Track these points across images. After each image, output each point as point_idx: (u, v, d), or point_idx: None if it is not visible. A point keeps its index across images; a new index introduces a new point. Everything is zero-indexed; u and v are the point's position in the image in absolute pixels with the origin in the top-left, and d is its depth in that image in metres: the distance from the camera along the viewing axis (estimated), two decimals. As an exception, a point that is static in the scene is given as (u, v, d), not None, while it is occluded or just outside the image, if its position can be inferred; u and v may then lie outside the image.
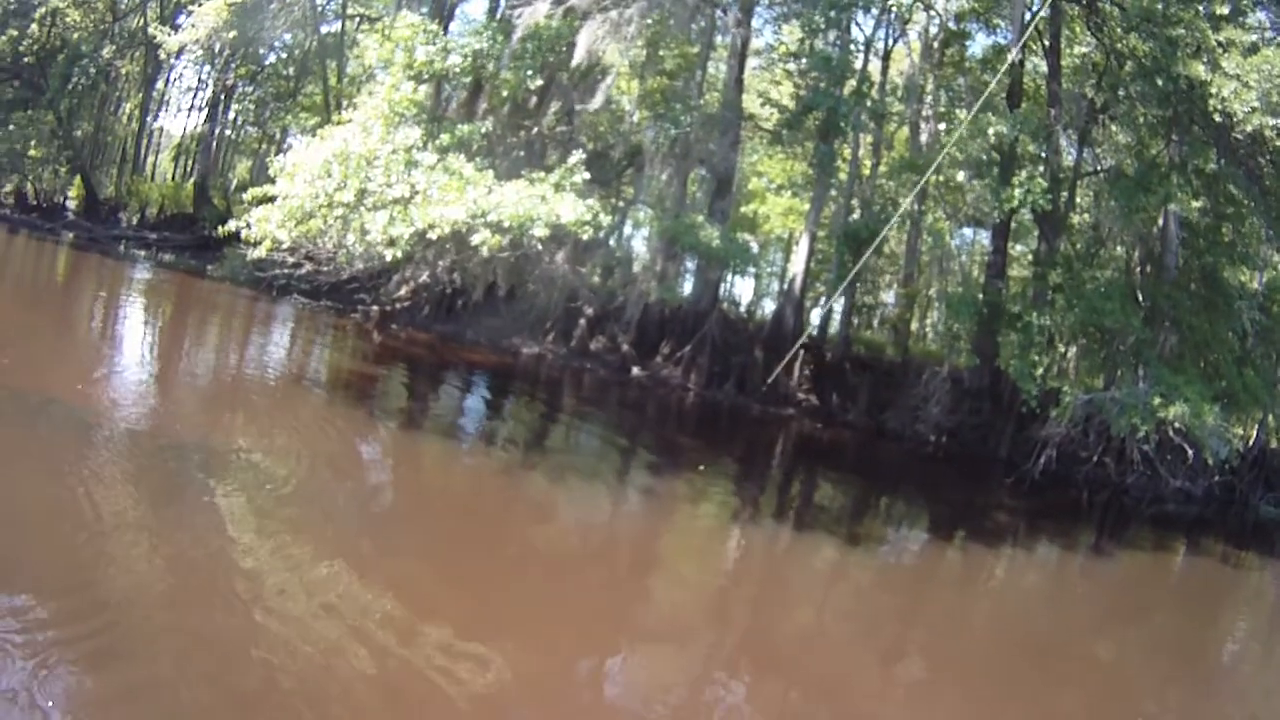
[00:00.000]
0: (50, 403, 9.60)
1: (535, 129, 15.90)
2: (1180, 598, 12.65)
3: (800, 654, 8.25)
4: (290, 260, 17.61)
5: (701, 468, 14.22)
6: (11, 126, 31.82)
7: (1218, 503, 18.91)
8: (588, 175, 13.49)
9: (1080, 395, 16.53)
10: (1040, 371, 16.70)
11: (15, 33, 29.34)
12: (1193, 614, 11.67)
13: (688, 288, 19.47)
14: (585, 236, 12.81)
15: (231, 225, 12.89)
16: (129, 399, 11.40)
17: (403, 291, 18.35)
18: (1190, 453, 16.22)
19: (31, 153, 32.97)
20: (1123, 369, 18.01)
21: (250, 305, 20.50)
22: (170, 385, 13.29)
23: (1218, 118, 15.06)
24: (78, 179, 34.36)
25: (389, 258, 12.80)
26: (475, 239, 12.10)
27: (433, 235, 12.18)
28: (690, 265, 17.82)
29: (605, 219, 13.65)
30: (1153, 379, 16.09)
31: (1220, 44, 14.84)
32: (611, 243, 16.02)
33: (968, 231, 24.13)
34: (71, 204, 35.03)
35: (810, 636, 9.00)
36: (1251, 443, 20.53)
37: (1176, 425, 15.14)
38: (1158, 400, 15.04)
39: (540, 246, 12.81)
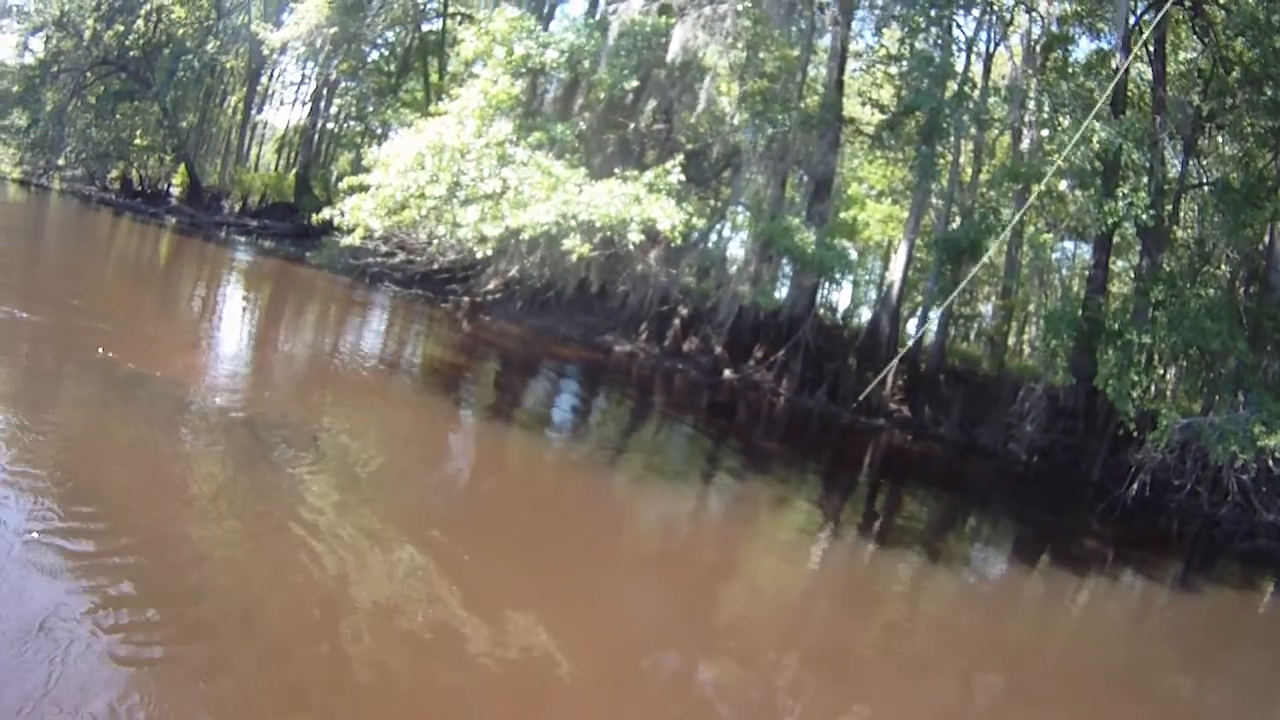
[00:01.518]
0: (150, 379, 9.96)
1: (631, 127, 15.91)
2: (1267, 638, 11.93)
3: (873, 672, 8.07)
4: (384, 249, 18.08)
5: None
6: (118, 116, 33.45)
7: None
8: (683, 177, 13.41)
9: (1178, 419, 15.77)
10: (1138, 393, 16.06)
11: (121, 27, 30.76)
12: (1277, 656, 11.01)
13: (783, 292, 19.24)
14: (677, 241, 12.73)
15: (326, 213, 13.19)
16: (224, 377, 11.78)
17: (493, 284, 18.57)
18: None
19: (137, 141, 34.55)
20: (1223, 393, 17.17)
21: (345, 292, 21.07)
22: (263, 366, 13.67)
23: None
24: (182, 167, 35.84)
25: (480, 253, 12.93)
26: (565, 244, 12.11)
27: (524, 235, 12.26)
28: (787, 269, 17.59)
29: (699, 222, 13.55)
30: (1254, 405, 15.31)
31: None
32: (707, 244, 15.88)
33: (1069, 244, 23.33)
34: (175, 190, 36.58)
35: (884, 654, 8.78)
36: None
37: (1277, 455, 14.49)
38: (1259, 428, 14.37)
39: (633, 248, 12.76)
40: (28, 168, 32.41)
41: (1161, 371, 20.34)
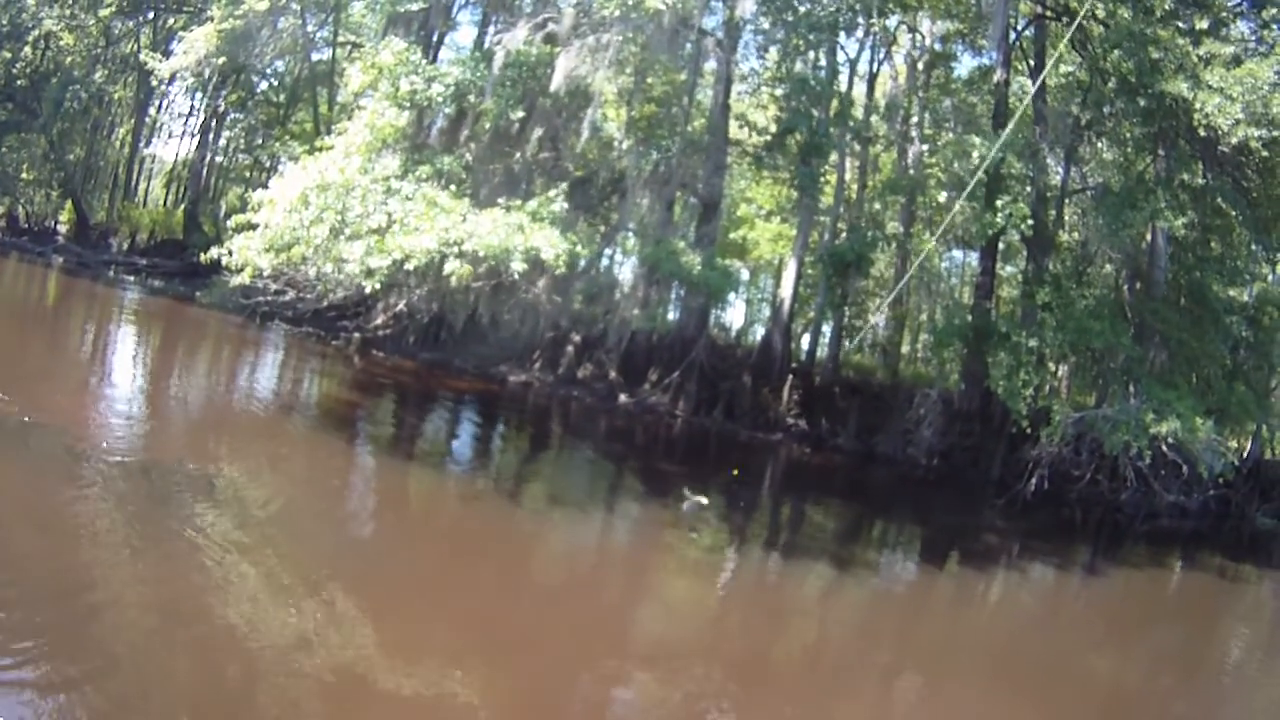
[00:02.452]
0: (38, 427, 9.59)
1: (518, 156, 15.90)
2: (1178, 612, 12.57)
3: (793, 680, 8.14)
4: (274, 287, 17.64)
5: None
6: (3, 149, 31.89)
7: (1213, 516, 18.81)
8: (566, 205, 13.48)
9: (1071, 414, 16.43)
10: (1030, 392, 16.61)
11: (9, 55, 29.42)
12: (1192, 628, 11.59)
13: (676, 314, 19.42)
14: (561, 270, 12.77)
15: (214, 252, 12.97)
16: (115, 424, 11.41)
17: (383, 319, 18.30)
18: (1184, 467, 16.13)
19: (24, 176, 33.02)
20: (1114, 386, 17.95)
21: (236, 332, 20.46)
22: (155, 411, 13.25)
23: (1203, 132, 15.07)
24: (69, 203, 34.40)
25: (368, 288, 12.79)
26: (446, 268, 12.08)
27: (410, 265, 12.16)
28: (678, 292, 17.79)
29: (584, 250, 13.61)
30: (1144, 395, 16.02)
31: (1202, 59, 14.87)
32: (594, 270, 15.94)
33: (957, 253, 24.17)
34: (63, 228, 35.03)
35: (803, 662, 8.92)
36: (1246, 455, 20.42)
37: (1170, 441, 15.09)
38: (1150, 416, 14.98)
39: (518, 277, 12.75)
40: None
41: (1053, 369, 21.11)
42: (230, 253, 12.70)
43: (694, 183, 17.68)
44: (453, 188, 13.33)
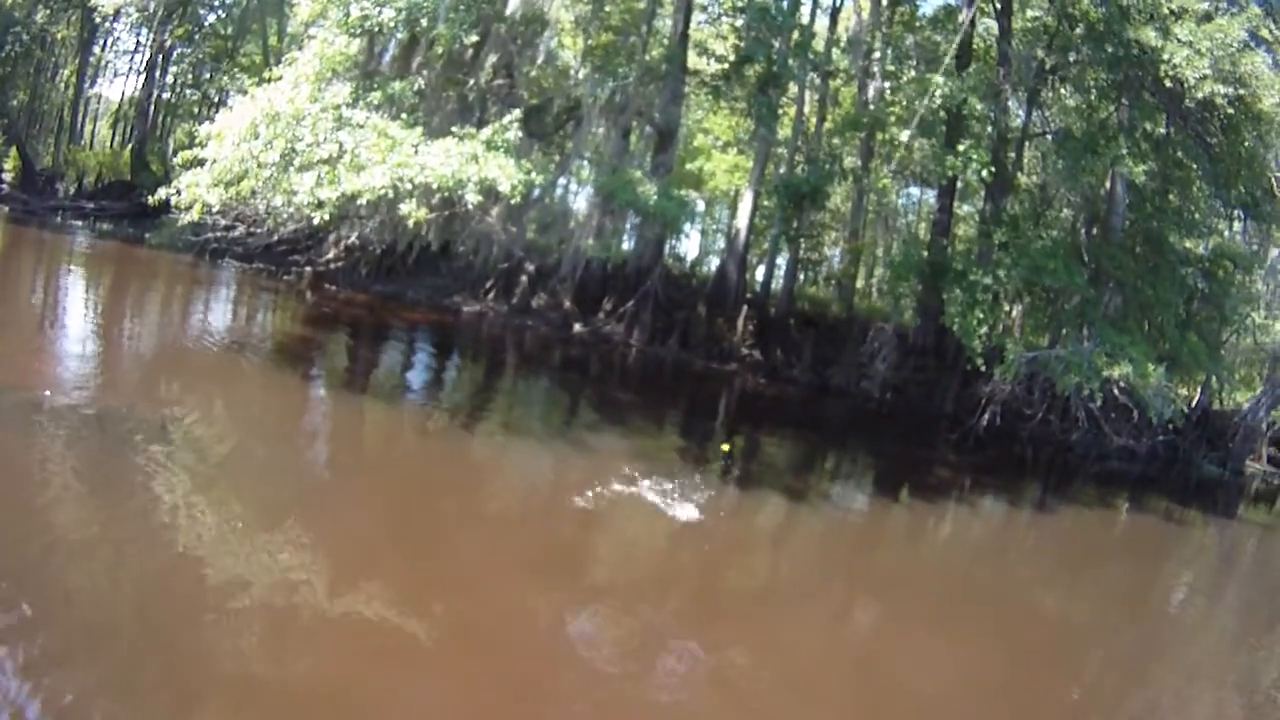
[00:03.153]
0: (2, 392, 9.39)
1: (472, 83, 15.59)
2: (1125, 552, 12.81)
3: (746, 610, 8.26)
4: (223, 223, 17.29)
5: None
6: None
7: (1161, 461, 19.21)
8: (520, 133, 13.27)
9: (1024, 353, 16.59)
10: (984, 329, 16.73)
11: (-55, 1, 28.15)
12: (1137, 569, 11.83)
13: (631, 244, 19.35)
14: (516, 199, 12.62)
15: (162, 193, 12.64)
16: (68, 372, 11.26)
17: (334, 253, 18.05)
18: (1135, 412, 16.37)
19: None
20: (1067, 328, 18.14)
21: (187, 271, 20.10)
22: (107, 357, 13.06)
23: (1168, 84, 15.01)
24: (13, 150, 33.23)
25: (317, 220, 12.56)
26: (401, 209, 11.85)
27: (361, 200, 11.97)
28: (633, 222, 17.69)
29: (539, 178, 13.44)
30: (1098, 338, 16.14)
31: (1173, 11, 14.82)
32: (548, 200, 15.75)
33: (914, 190, 24.24)
34: (7, 176, 33.90)
35: (756, 592, 9.03)
36: (1194, 403, 20.87)
37: (1121, 384, 15.29)
38: (1103, 359, 15.14)
39: (472, 207, 12.59)
40: None
41: (1007, 308, 21.37)
42: (178, 192, 12.39)
43: (650, 112, 17.47)
44: (404, 116, 13.04)
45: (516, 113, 13.30)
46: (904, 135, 19.10)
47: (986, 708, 6.68)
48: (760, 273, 20.44)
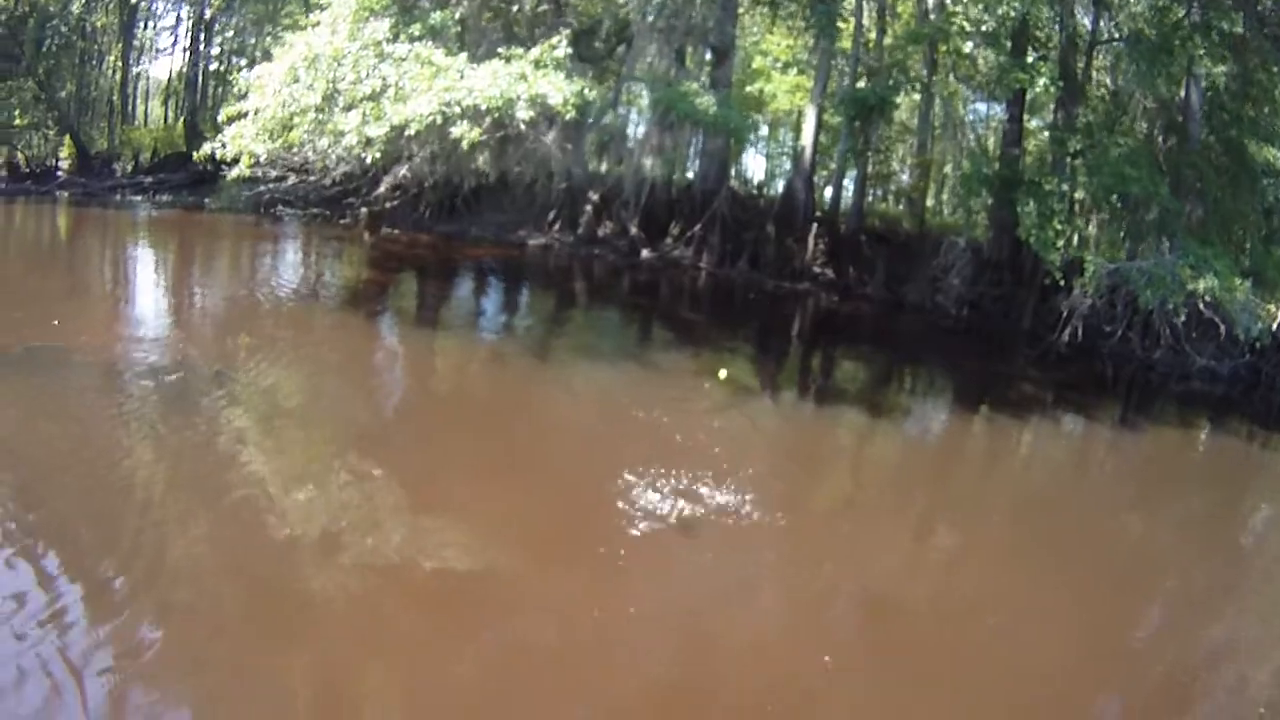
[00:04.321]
0: (68, 351, 9.83)
1: (516, 10, 15.19)
2: (1207, 479, 12.04)
3: (827, 527, 8.10)
4: (274, 175, 17.28)
5: (724, 374, 13.89)
6: None
7: (1243, 384, 18.24)
8: (570, 50, 12.85)
9: (1106, 265, 15.84)
10: (1061, 242, 16.04)
11: (-20, 6, 28.56)
12: (1219, 496, 11.13)
13: (695, 168, 18.80)
14: (569, 116, 12.25)
15: (208, 148, 12.56)
16: (142, 337, 11.56)
17: (383, 189, 17.85)
18: (1221, 328, 15.55)
19: (17, 122, 32.35)
20: (1148, 241, 17.26)
21: (249, 229, 20.24)
22: (181, 318, 13.35)
23: None
24: (67, 138, 33.82)
25: (368, 159, 12.37)
26: (454, 132, 11.56)
27: (410, 131, 11.70)
28: (696, 147, 17.21)
29: (593, 94, 13.04)
30: (1179, 251, 15.30)
31: None
32: (604, 119, 15.29)
33: (980, 106, 23.19)
34: (64, 164, 34.57)
35: (836, 509, 8.82)
36: (1276, 325, 19.82)
37: (1206, 299, 14.54)
38: (1187, 272, 14.37)
39: (524, 128, 12.26)
40: None
41: (1083, 221, 20.45)
42: (224, 144, 12.30)
43: (704, 30, 16.85)
44: (448, 46, 12.74)
45: (566, 33, 12.88)
46: (968, 47, 18.23)
47: (1058, 633, 6.40)
48: (828, 192, 19.79)
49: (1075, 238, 18.99)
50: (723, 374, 7.40)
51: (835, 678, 5.75)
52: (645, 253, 18.12)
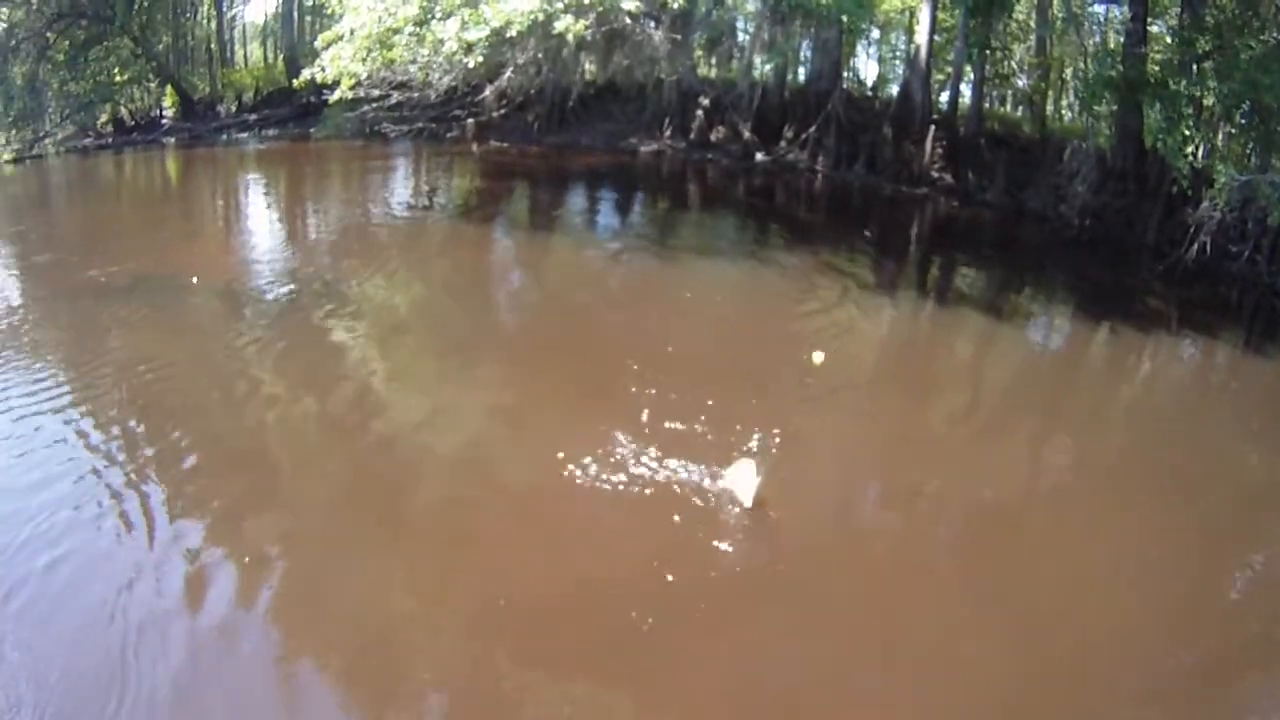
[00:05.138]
0: (181, 279, 10.49)
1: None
2: None
3: (941, 437, 7.99)
4: (376, 95, 17.44)
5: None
6: (91, 62, 32.23)
7: None
8: None
9: (1237, 176, 14.82)
10: (1191, 149, 15.08)
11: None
12: None
13: (808, 69, 18.14)
14: (676, 5, 11.93)
15: (307, 74, 12.70)
16: (255, 261, 12.19)
17: (488, 98, 17.77)
18: None
19: (117, 79, 33.36)
20: None
21: (357, 152, 20.56)
22: (292, 240, 13.84)
23: None
24: (169, 88, 34.81)
25: (470, 64, 12.30)
26: (557, 26, 11.40)
27: (511, 33, 11.57)
28: (807, 48, 16.63)
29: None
30: None
31: None
32: (712, 14, 14.81)
33: (1098, 8, 21.83)
34: (169, 113, 35.66)
35: (953, 419, 8.65)
36: None
37: None
38: None
39: (629, 20, 11.99)
40: (18, 145, 31.75)
41: (1212, 131, 19.19)
42: (323, 68, 12.43)
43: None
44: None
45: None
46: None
47: (1170, 569, 6.12)
48: (944, 96, 18.98)
49: (1203, 148, 17.88)
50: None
51: (927, 586, 5.71)
52: (759, 156, 17.75)
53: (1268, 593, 6.17)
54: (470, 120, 18.88)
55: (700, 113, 17.90)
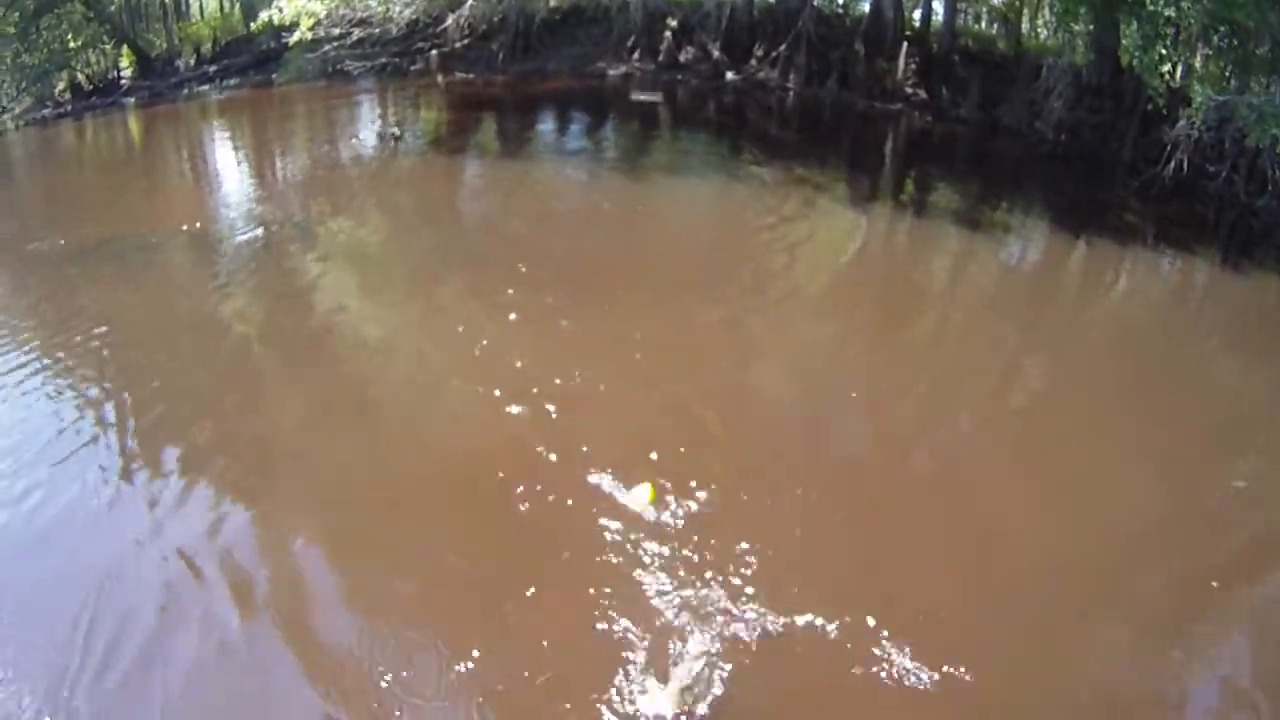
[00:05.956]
0: (151, 235, 10.66)
1: None
2: None
3: (921, 353, 8.01)
4: (337, 33, 17.06)
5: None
6: (43, 32, 31.19)
7: None
8: None
9: (1214, 96, 14.74)
10: (1167, 68, 14.97)
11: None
12: None
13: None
14: None
15: (264, 16, 12.35)
16: (224, 212, 12.24)
17: (450, 27, 17.39)
18: None
19: (71, 46, 32.42)
20: (1258, 75, 15.98)
21: (320, 93, 20.04)
22: (260, 187, 13.74)
23: None
24: (125, 48, 33.88)
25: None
26: None
27: None
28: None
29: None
30: None
31: None
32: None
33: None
34: (126, 73, 34.73)
35: (931, 336, 8.64)
36: None
37: None
38: None
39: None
40: None
41: (1189, 51, 19.07)
42: (280, 9, 12.09)
43: None
44: None
45: None
46: None
47: (1142, 487, 6.17)
48: (917, 14, 18.70)
49: (1180, 69, 17.80)
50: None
51: (898, 500, 5.73)
52: (729, 76, 17.40)
53: (1243, 510, 6.19)
54: (434, 52, 18.44)
55: (668, 34, 17.54)
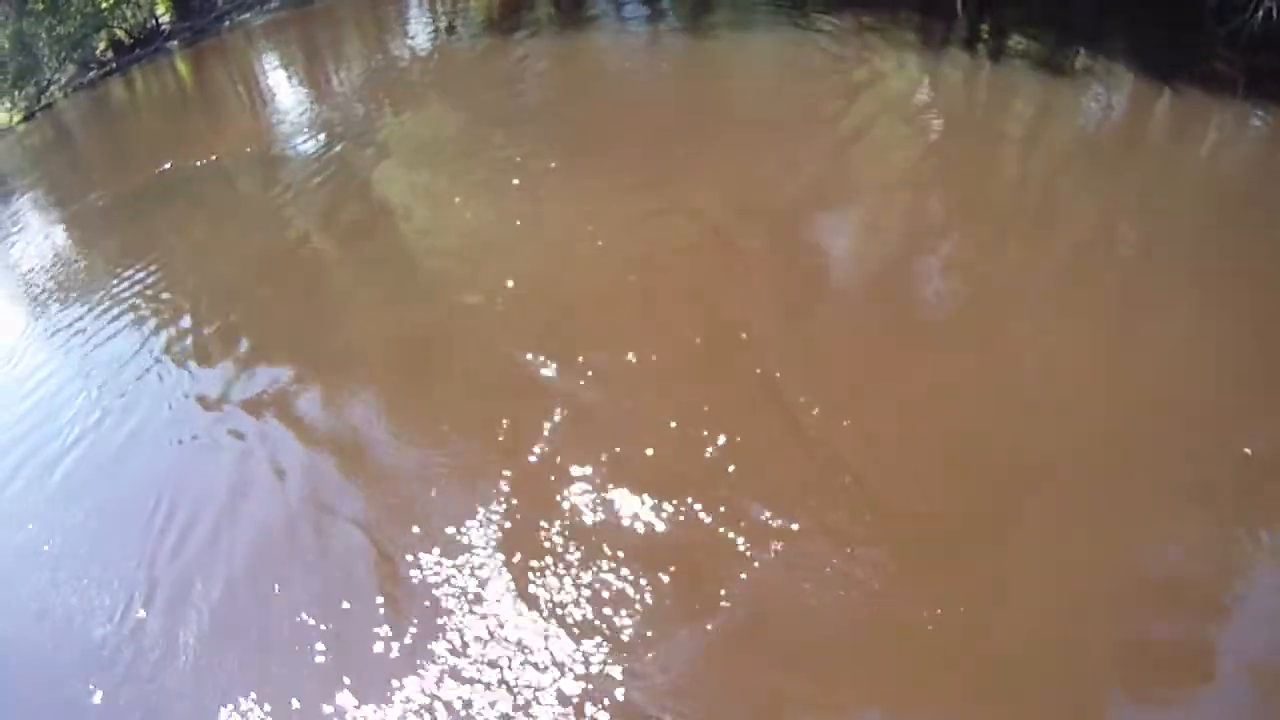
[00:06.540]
0: (229, 160, 11.29)
1: None
2: None
3: (1000, 201, 7.84)
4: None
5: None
6: (73, 1, 31.33)
7: None
8: None
9: None
10: None
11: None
12: None
13: None
14: None
15: None
16: (287, 130, 12.60)
17: None
18: None
19: (104, 5, 32.59)
20: None
21: (367, 1, 20.04)
22: (319, 100, 14.10)
23: None
24: (158, -5, 34.00)
25: None
26: None
27: None
28: None
29: None
30: None
31: None
32: None
33: None
34: (165, 20, 34.92)
35: (1010, 185, 8.44)
36: None
37: None
38: None
39: None
40: (25, 103, 31.24)
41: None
42: None
43: None
44: None
45: None
46: None
47: (1217, 374, 5.77)
48: None
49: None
50: None
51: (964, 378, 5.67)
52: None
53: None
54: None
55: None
